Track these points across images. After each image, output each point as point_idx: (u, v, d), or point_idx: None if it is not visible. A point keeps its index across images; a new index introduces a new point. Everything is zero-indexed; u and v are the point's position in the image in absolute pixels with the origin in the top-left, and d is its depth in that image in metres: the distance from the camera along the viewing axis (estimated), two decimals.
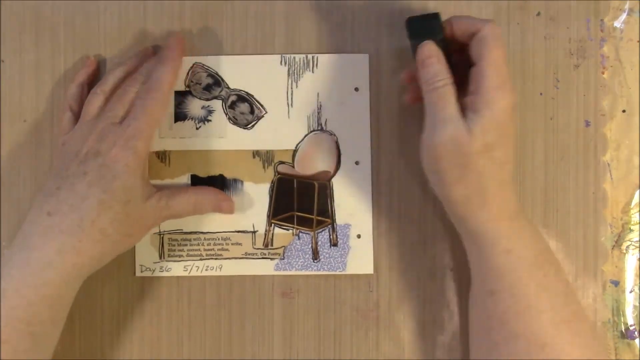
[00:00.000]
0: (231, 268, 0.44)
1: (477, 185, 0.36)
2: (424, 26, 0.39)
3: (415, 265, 0.44)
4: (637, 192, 0.44)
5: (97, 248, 0.38)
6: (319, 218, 0.44)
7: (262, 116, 0.44)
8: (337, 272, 0.44)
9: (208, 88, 0.44)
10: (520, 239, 0.37)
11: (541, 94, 0.44)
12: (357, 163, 0.44)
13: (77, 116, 0.41)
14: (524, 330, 0.36)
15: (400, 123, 0.44)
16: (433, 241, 0.44)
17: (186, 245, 0.44)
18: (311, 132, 0.44)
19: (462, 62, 0.39)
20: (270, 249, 0.44)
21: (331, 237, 0.44)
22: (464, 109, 0.37)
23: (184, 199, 0.41)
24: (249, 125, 0.44)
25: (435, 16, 0.39)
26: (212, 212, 0.43)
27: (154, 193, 0.40)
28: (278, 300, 0.44)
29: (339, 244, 0.44)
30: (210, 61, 0.44)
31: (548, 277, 0.37)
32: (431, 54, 0.38)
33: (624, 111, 0.44)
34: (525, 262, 0.37)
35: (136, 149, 0.38)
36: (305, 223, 0.44)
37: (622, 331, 0.44)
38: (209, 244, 0.44)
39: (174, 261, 0.44)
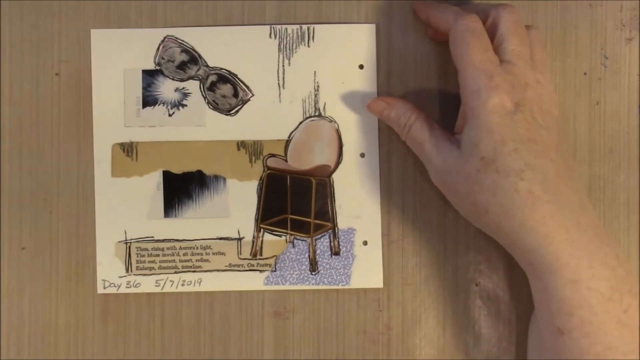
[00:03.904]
0: (212, 282, 0.42)
1: (498, 207, 0.35)
2: None
3: (433, 278, 0.42)
4: None
5: None
6: (317, 222, 0.42)
7: (248, 100, 0.42)
8: (340, 287, 0.42)
9: (182, 66, 0.42)
10: (589, 267, 0.34)
11: (585, 74, 0.42)
12: (362, 155, 0.42)
13: None
14: None
15: None
16: (455, 249, 0.42)
17: (158, 255, 0.42)
18: (307, 118, 0.42)
19: None
20: (260, 259, 0.42)
21: (332, 244, 0.42)
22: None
23: None
24: (233, 111, 0.42)
25: None
26: None
27: None
28: (269, 320, 0.42)
29: (341, 252, 0.42)
30: (185, 34, 0.42)
31: (629, 312, 0.34)
32: (381, 107, 0.39)
33: None
34: (597, 294, 0.33)
35: None
36: (300, 228, 0.42)
37: None
38: (185, 254, 0.42)
39: (144, 275, 0.42)
